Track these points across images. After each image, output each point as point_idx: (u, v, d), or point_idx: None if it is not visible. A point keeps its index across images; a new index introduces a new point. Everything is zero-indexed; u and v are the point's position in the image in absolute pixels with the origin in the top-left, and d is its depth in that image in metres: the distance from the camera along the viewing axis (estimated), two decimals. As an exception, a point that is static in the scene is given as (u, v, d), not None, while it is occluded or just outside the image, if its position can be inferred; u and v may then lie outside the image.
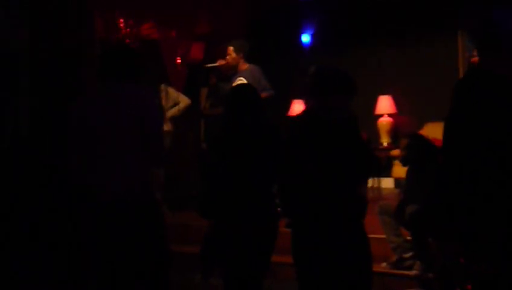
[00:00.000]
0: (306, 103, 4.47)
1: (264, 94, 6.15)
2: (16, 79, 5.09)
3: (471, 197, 2.99)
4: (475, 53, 4.01)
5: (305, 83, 3.70)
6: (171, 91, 7.61)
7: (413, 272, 5.15)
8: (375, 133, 8.67)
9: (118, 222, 3.56)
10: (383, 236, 5.34)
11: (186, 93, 7.90)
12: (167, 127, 7.39)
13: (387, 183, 8.61)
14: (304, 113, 3.65)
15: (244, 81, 6.28)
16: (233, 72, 6.65)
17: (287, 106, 9.09)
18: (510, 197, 2.90)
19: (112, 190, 3.56)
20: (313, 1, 8.85)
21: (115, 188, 3.55)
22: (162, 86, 7.54)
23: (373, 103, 8.86)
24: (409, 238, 5.24)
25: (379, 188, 8.41)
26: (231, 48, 6.63)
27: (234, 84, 6.28)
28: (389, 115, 8.86)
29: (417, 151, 5.24)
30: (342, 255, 3.45)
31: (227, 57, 6.67)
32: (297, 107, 8.80)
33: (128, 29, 8.13)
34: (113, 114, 3.57)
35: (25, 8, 4.82)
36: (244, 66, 6.58)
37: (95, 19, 7.19)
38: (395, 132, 8.76)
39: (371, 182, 8.19)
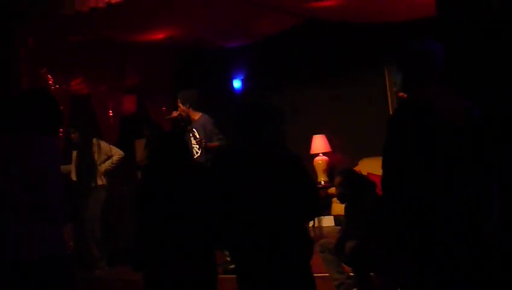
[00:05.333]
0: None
1: (216, 143, 6.43)
2: None
3: (411, 228, 3.01)
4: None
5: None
6: (103, 145, 7.50)
7: (358, 308, 5.14)
8: (312, 172, 8.71)
9: (20, 282, 3.25)
10: (326, 274, 5.33)
11: (120, 146, 7.80)
12: (101, 181, 7.32)
13: (327, 221, 8.65)
14: (238, 150, 3.64)
15: (196, 133, 6.50)
16: (188, 121, 6.78)
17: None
18: (450, 227, 2.93)
19: (13, 250, 3.27)
20: (241, 46, 8.92)
21: (15, 248, 3.27)
22: (94, 140, 7.44)
23: (307, 143, 8.96)
24: (351, 274, 5.25)
25: (320, 227, 8.44)
26: (178, 100, 6.79)
27: (190, 134, 6.56)
28: (324, 154, 8.95)
29: (351, 187, 5.28)
30: None
31: (178, 109, 6.81)
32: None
33: (57, 86, 8.01)
34: (10, 170, 3.31)
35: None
36: (196, 115, 6.72)
37: (22, 76, 7.08)
38: (330, 170, 8.85)
39: (311, 222, 8.19)
